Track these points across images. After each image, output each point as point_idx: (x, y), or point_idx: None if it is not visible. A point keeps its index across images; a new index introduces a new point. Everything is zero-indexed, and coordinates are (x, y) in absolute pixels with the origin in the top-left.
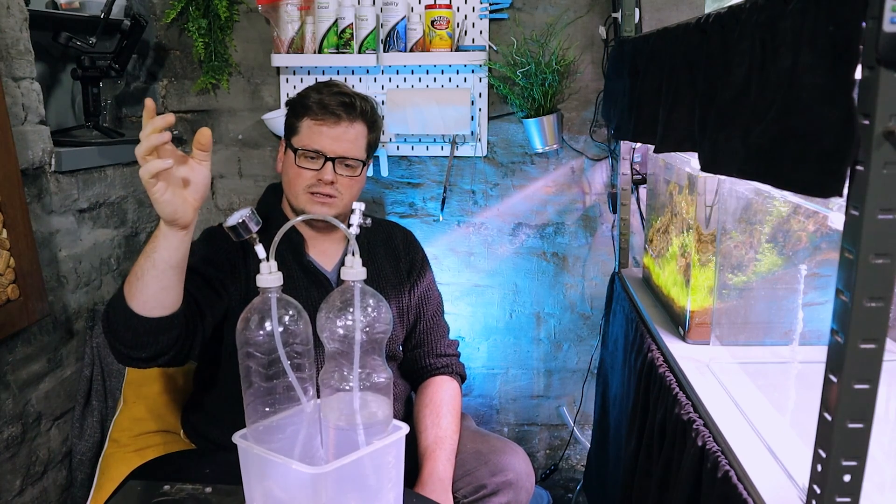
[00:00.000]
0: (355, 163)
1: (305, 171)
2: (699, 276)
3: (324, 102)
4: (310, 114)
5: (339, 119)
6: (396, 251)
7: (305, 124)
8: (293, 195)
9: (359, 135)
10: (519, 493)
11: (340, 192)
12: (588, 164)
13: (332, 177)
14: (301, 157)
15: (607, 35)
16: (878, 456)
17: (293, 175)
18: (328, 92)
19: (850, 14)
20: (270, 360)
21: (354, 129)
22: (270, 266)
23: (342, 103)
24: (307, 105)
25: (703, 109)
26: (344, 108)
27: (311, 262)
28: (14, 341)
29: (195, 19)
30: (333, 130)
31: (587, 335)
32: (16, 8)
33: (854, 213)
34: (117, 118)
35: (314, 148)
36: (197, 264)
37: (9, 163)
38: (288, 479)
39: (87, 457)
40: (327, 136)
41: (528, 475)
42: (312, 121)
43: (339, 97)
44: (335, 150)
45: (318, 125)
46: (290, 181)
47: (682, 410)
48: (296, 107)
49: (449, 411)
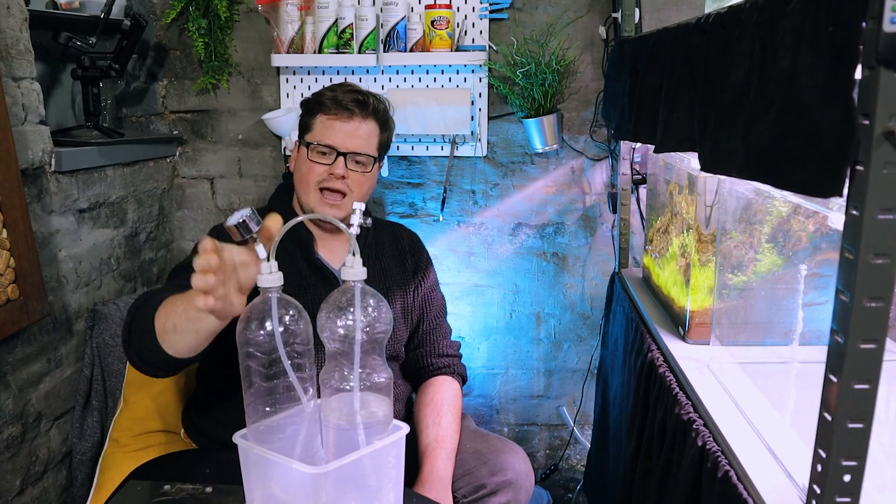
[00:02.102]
0: (367, 159)
1: (317, 165)
2: (699, 276)
3: (337, 99)
4: (324, 110)
5: (351, 115)
6: (403, 252)
7: (319, 120)
8: (304, 192)
9: (371, 132)
10: (518, 492)
11: (351, 188)
12: (588, 164)
13: (343, 171)
14: (313, 152)
15: (607, 35)
16: (878, 456)
17: (305, 170)
18: (342, 90)
19: (850, 14)
20: (271, 360)
21: (367, 125)
22: (271, 266)
23: (355, 100)
24: (322, 102)
25: (703, 109)
26: (357, 104)
27: (320, 260)
28: (14, 341)
29: (195, 19)
30: (346, 126)
31: (587, 335)
32: (16, 8)
33: (854, 213)
34: (117, 118)
35: (327, 143)
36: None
37: (9, 163)
38: (288, 479)
39: (87, 457)
40: (340, 132)
41: (527, 475)
42: (326, 116)
43: (353, 94)
44: (347, 145)
45: (332, 120)
46: (301, 177)
47: (682, 410)
48: (310, 105)
49: (450, 410)
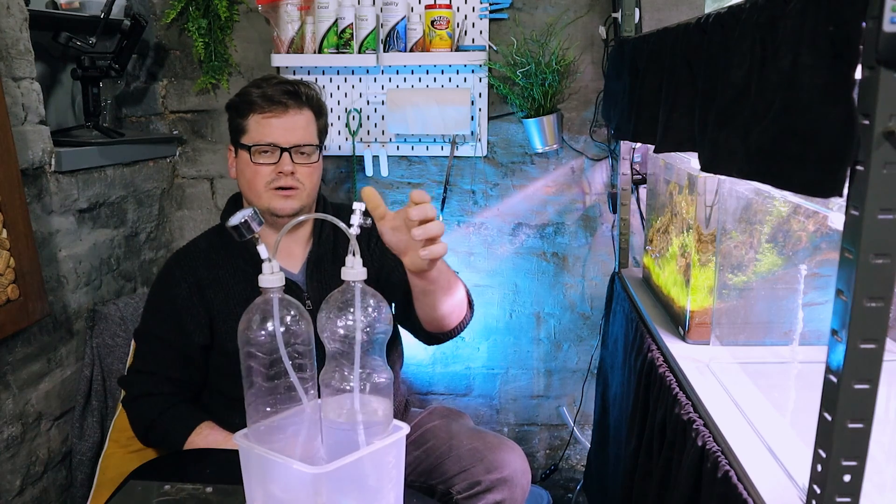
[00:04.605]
0: (310, 149)
1: (263, 166)
2: (699, 276)
3: (267, 94)
4: (255, 109)
5: (286, 108)
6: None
7: (253, 120)
8: (255, 195)
9: (308, 121)
10: (514, 490)
11: (301, 181)
12: (588, 164)
13: (291, 167)
14: (256, 154)
15: (607, 35)
16: (878, 456)
17: (251, 174)
18: (269, 84)
19: (850, 14)
20: (272, 361)
21: (303, 115)
22: (273, 266)
23: (286, 92)
24: (251, 101)
25: (703, 109)
26: (289, 96)
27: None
28: (14, 341)
29: (195, 19)
30: (283, 120)
31: (587, 335)
32: (16, 8)
33: (854, 213)
34: (117, 118)
35: (267, 141)
36: (170, 339)
37: (9, 163)
38: (288, 479)
39: (87, 457)
40: (278, 128)
41: (523, 473)
42: (260, 115)
43: (282, 87)
44: (288, 139)
45: (267, 118)
46: (248, 182)
47: (682, 410)
48: (239, 106)
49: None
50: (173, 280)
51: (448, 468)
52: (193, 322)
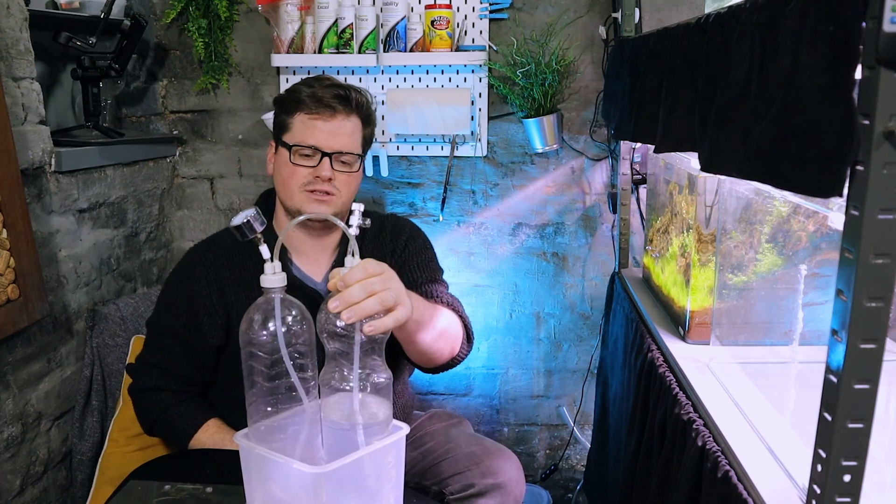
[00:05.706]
0: (352, 158)
1: (301, 168)
2: (699, 276)
3: (317, 95)
4: (303, 108)
5: (334, 112)
6: (384, 242)
7: (298, 119)
8: (288, 195)
9: (355, 129)
10: (507, 498)
11: (338, 189)
12: (588, 164)
13: (329, 173)
14: (296, 155)
15: (607, 35)
16: (878, 456)
17: (287, 174)
18: (321, 85)
19: (850, 14)
20: (273, 361)
21: (350, 122)
22: (275, 266)
23: (337, 96)
24: (299, 99)
25: (703, 109)
26: (339, 100)
27: (297, 278)
28: (14, 341)
29: (195, 19)
30: (329, 124)
31: (587, 335)
32: (16, 8)
33: (854, 213)
34: (117, 118)
35: (310, 144)
36: (184, 336)
37: (9, 163)
38: (289, 479)
39: (87, 457)
40: (322, 131)
41: (518, 482)
42: (306, 115)
43: (333, 90)
44: (332, 144)
45: (313, 119)
46: (284, 181)
47: (682, 410)
48: (286, 103)
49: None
50: (193, 276)
51: (443, 469)
52: (210, 321)
